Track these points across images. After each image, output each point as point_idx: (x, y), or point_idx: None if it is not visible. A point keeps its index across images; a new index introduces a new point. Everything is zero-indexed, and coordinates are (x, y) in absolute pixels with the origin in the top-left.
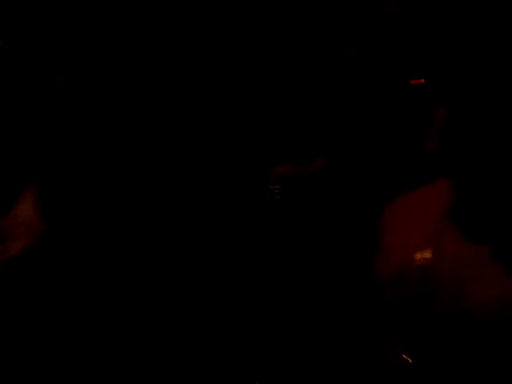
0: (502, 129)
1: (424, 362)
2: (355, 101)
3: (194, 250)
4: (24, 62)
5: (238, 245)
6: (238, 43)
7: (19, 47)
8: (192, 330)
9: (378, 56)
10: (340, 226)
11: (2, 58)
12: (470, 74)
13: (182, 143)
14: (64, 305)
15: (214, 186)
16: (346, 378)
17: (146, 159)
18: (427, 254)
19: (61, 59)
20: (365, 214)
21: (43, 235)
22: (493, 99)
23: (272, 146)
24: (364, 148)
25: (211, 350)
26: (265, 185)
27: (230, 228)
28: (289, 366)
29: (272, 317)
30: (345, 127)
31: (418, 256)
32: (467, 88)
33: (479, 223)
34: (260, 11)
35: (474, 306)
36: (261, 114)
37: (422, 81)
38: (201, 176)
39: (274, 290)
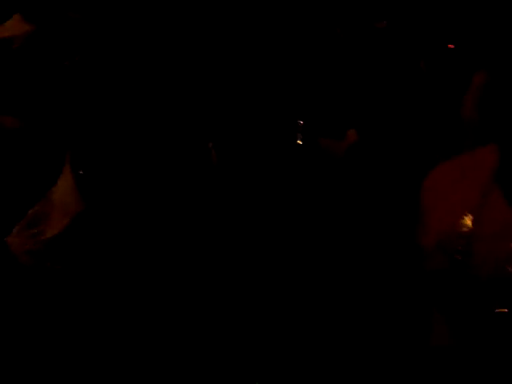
0: None
1: (467, 340)
2: (388, 69)
3: (195, 247)
4: (52, 44)
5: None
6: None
7: (47, 30)
8: (192, 329)
9: (410, 24)
10: (380, 197)
11: (33, 41)
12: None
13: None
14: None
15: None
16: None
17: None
18: (469, 222)
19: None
20: (405, 183)
21: (78, 215)
22: None
23: (305, 122)
24: (399, 117)
25: (211, 349)
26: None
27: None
28: (289, 365)
29: (272, 315)
30: (378, 98)
31: (461, 224)
32: (505, 52)
33: None
34: None
35: None
36: (293, 90)
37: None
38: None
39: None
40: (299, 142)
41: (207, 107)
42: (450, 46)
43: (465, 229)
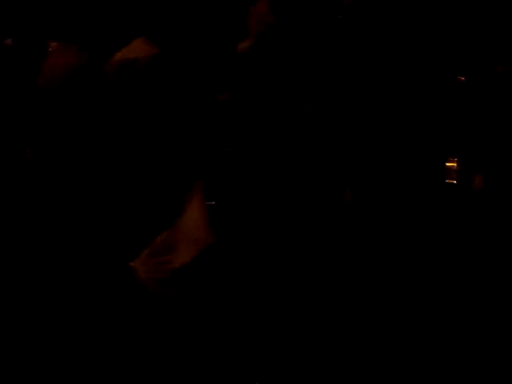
0: None
1: None
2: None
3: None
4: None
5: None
6: None
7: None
8: (192, 329)
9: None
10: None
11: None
12: None
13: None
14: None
15: None
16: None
17: None
18: None
19: None
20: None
21: (208, 248)
22: None
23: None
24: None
25: (211, 349)
26: None
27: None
28: (289, 366)
29: (272, 315)
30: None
31: None
32: None
33: None
34: None
35: None
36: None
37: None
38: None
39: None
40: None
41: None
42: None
43: None
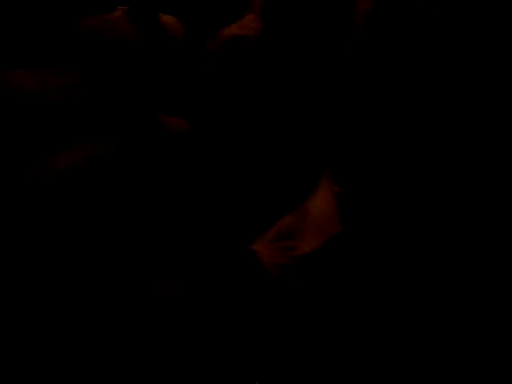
0: None
1: None
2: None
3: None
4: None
5: None
6: None
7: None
8: (192, 329)
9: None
10: None
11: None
12: None
13: None
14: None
15: None
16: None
17: None
18: None
19: None
20: None
21: (336, 236)
22: None
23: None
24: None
25: (211, 349)
26: None
27: None
28: (289, 366)
29: (272, 315)
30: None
31: None
32: None
33: None
34: None
35: None
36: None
37: None
38: None
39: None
40: None
41: None
42: None
43: None
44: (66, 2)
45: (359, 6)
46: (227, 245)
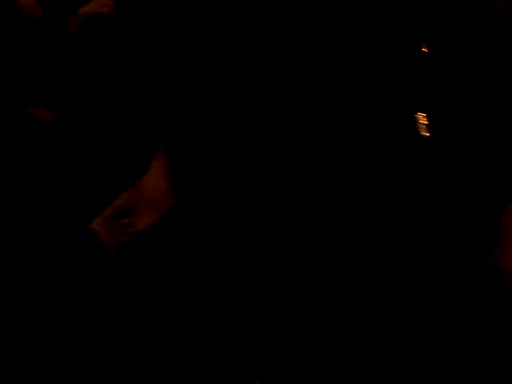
0: None
1: None
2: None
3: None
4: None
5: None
6: None
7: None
8: (192, 329)
9: None
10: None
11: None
12: None
13: None
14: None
15: None
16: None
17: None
18: None
19: None
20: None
21: (172, 210)
22: None
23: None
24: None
25: (211, 349)
26: None
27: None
28: (289, 365)
29: (272, 315)
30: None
31: None
32: None
33: None
34: None
35: None
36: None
37: None
38: None
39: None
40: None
41: None
42: None
43: None
44: None
45: None
46: (67, 225)
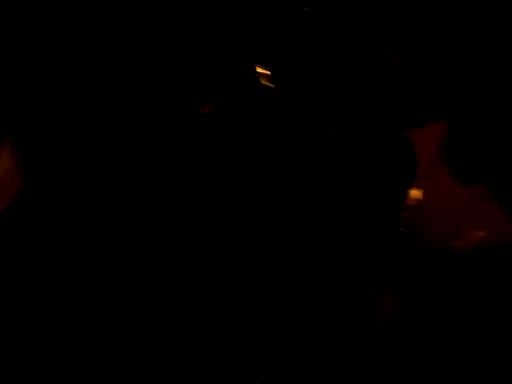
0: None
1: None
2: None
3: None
4: None
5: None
6: None
7: None
8: (192, 329)
9: None
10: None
11: None
12: None
13: None
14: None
15: None
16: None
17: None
18: (418, 194)
19: None
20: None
21: (22, 194)
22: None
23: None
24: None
25: (211, 349)
26: None
27: None
28: (289, 365)
29: (272, 315)
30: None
31: (409, 196)
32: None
33: (473, 163)
34: None
35: (465, 246)
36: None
37: None
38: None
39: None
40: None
41: None
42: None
43: (411, 201)
44: None
45: None
46: None
